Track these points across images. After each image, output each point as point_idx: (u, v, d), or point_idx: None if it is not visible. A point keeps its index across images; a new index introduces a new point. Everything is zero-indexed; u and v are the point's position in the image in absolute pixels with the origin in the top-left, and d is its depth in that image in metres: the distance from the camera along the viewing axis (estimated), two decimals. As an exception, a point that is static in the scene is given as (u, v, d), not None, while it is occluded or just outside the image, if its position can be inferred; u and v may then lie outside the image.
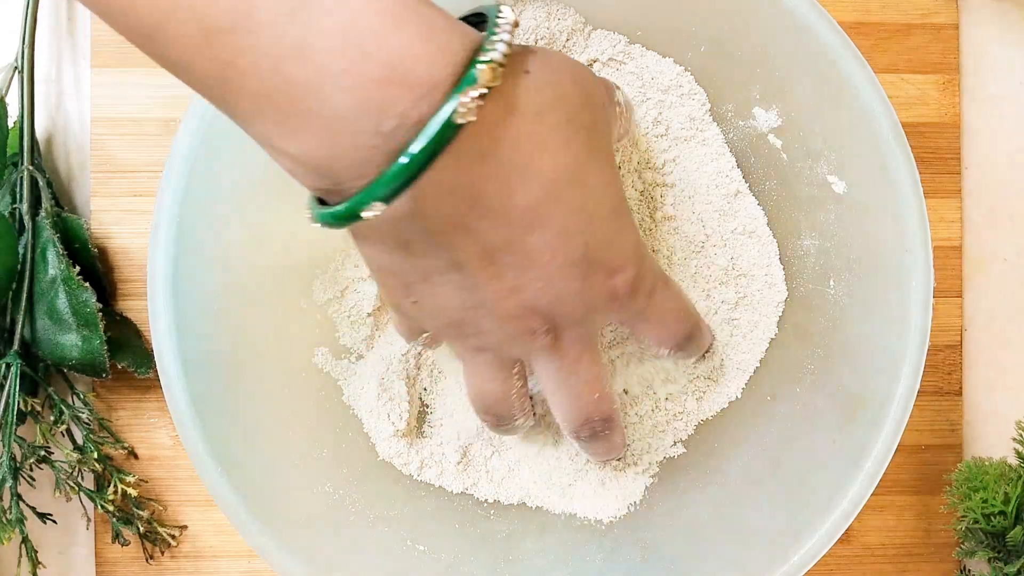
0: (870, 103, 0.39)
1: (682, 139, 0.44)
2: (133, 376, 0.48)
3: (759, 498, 0.42)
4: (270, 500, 0.40)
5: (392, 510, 0.43)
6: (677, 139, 0.44)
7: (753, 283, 0.44)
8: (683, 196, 0.44)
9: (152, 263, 0.39)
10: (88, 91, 0.49)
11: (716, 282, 0.45)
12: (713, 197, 0.44)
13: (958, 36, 0.51)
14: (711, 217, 0.44)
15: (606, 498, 0.44)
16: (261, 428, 0.42)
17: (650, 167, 0.44)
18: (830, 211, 0.42)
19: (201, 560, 0.49)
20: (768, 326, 0.44)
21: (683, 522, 0.43)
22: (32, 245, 0.46)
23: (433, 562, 0.42)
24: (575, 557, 0.43)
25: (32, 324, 0.46)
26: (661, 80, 0.44)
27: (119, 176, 0.49)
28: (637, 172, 0.44)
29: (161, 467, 0.49)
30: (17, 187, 0.47)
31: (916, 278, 0.39)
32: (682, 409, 0.45)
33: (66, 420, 0.46)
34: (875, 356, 0.40)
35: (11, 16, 0.49)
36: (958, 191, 0.50)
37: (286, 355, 0.44)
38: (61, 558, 0.49)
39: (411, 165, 0.28)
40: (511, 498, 0.45)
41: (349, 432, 0.44)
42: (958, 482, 0.46)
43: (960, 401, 0.50)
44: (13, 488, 0.45)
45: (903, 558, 0.50)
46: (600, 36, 0.44)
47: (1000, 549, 0.45)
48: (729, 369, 0.44)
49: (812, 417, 0.42)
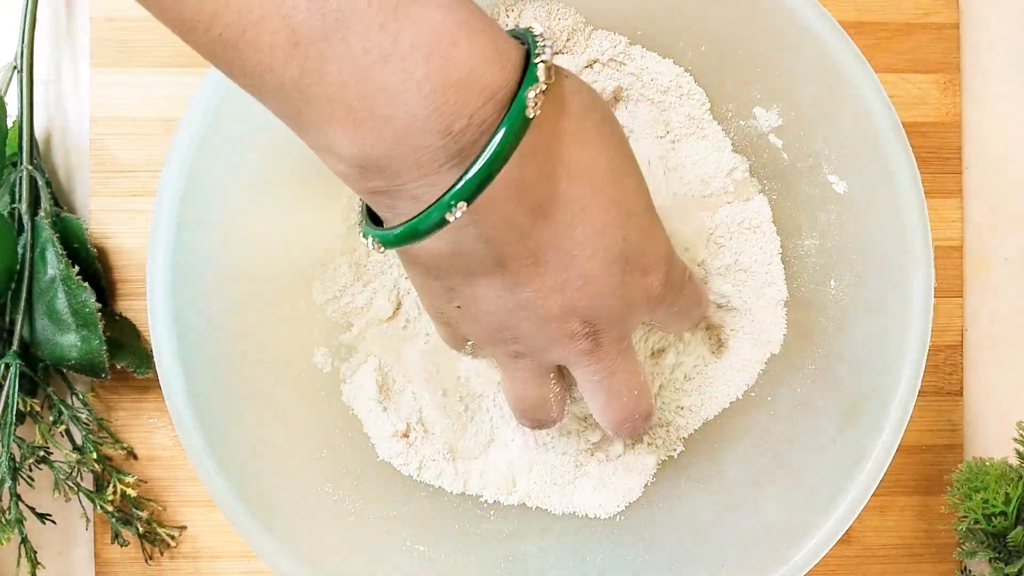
0: (871, 103, 0.39)
1: (682, 136, 0.44)
2: (132, 376, 0.48)
3: (759, 498, 0.42)
4: (270, 501, 0.40)
5: (392, 510, 0.43)
6: (677, 137, 0.44)
7: (753, 280, 0.44)
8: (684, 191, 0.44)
9: (152, 263, 0.39)
10: (87, 91, 0.49)
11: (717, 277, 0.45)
12: (714, 190, 0.44)
13: (958, 36, 0.51)
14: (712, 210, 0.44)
15: (606, 497, 0.44)
16: (260, 428, 0.42)
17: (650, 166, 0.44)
18: (831, 211, 0.42)
19: (200, 560, 0.49)
20: (769, 325, 0.44)
21: (683, 522, 0.43)
22: (31, 245, 0.46)
23: (433, 562, 0.42)
24: (575, 557, 0.43)
25: (31, 324, 0.46)
26: (661, 81, 0.44)
27: (118, 176, 0.49)
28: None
29: (160, 467, 0.49)
30: (16, 187, 0.47)
31: (917, 278, 0.39)
32: (683, 407, 0.45)
33: (65, 420, 0.46)
34: (876, 356, 0.40)
35: (11, 16, 0.49)
36: (958, 191, 0.50)
37: (286, 355, 0.44)
38: (60, 559, 0.49)
39: (493, 161, 0.29)
40: (511, 498, 0.45)
41: (349, 432, 0.44)
42: (959, 482, 0.46)
43: (961, 401, 0.50)
44: (12, 488, 0.45)
45: (903, 558, 0.50)
46: (600, 36, 0.44)
47: (1001, 549, 0.45)
48: (729, 369, 0.44)
49: (812, 417, 0.42)
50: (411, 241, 0.31)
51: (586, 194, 0.32)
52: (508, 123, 0.29)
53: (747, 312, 0.44)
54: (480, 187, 0.29)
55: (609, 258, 0.34)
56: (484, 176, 0.29)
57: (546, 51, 0.30)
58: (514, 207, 0.31)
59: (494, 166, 0.29)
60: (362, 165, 0.30)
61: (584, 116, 0.32)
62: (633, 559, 0.43)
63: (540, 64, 0.30)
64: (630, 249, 0.34)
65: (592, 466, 0.45)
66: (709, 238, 0.44)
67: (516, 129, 0.29)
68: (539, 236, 0.32)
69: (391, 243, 0.31)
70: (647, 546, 0.43)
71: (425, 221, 0.30)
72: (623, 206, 0.34)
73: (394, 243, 0.31)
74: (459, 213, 0.29)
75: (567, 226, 0.32)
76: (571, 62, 0.43)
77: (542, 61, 0.30)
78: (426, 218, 0.30)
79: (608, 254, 0.34)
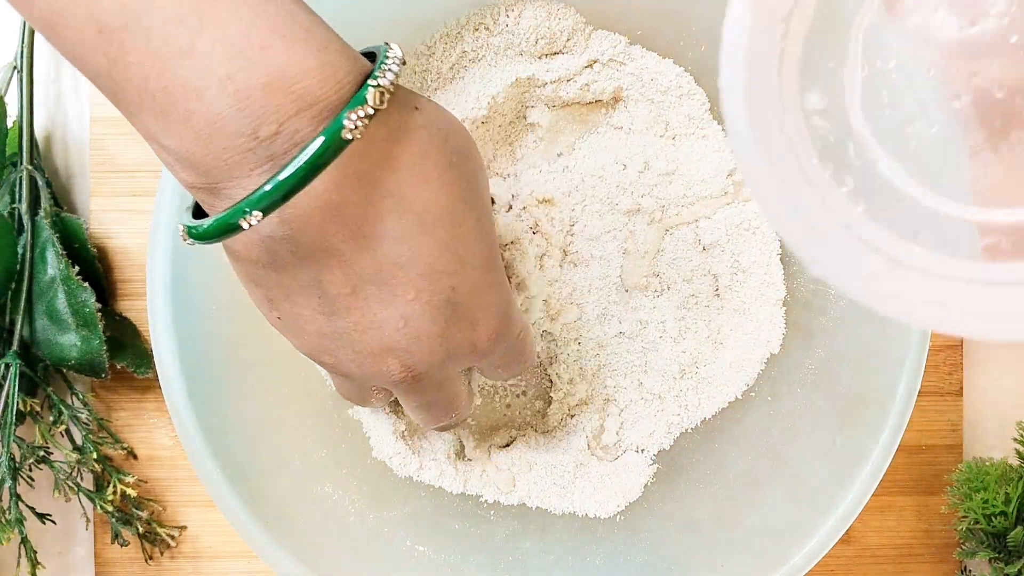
0: (871, 103, 0.39)
1: (682, 135, 0.44)
2: (132, 376, 0.48)
3: (759, 498, 0.42)
4: (269, 500, 0.40)
5: (392, 511, 0.43)
6: (677, 136, 0.44)
7: (752, 280, 0.44)
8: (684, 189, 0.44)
9: (152, 263, 0.39)
10: (87, 91, 0.49)
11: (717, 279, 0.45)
12: (714, 190, 0.44)
13: (958, 36, 0.51)
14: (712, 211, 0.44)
15: (606, 497, 0.44)
16: (261, 428, 0.42)
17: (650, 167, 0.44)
18: (830, 211, 0.42)
19: (200, 560, 0.49)
20: (768, 325, 0.44)
21: (683, 522, 0.43)
22: (31, 245, 0.46)
23: (433, 562, 0.42)
24: (575, 557, 0.43)
25: (31, 324, 0.46)
26: (661, 81, 0.44)
27: (118, 176, 0.49)
28: (638, 172, 0.44)
29: (160, 467, 0.49)
30: (16, 187, 0.47)
31: (917, 278, 0.39)
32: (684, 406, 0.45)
33: (65, 420, 0.46)
34: (876, 356, 0.40)
35: (11, 16, 0.49)
36: (958, 191, 0.50)
37: (286, 355, 0.44)
38: (60, 559, 0.49)
39: (295, 176, 0.28)
40: (511, 498, 0.45)
41: (349, 433, 0.44)
42: (959, 482, 0.46)
43: (960, 401, 0.50)
44: (12, 488, 0.45)
45: (904, 558, 0.50)
46: (600, 36, 0.44)
47: (1001, 549, 0.45)
48: (729, 369, 0.44)
49: (812, 417, 0.42)
50: (206, 240, 0.30)
51: (415, 233, 0.31)
52: (321, 139, 0.28)
53: (746, 312, 0.44)
54: (282, 199, 0.28)
55: (434, 303, 0.32)
56: (287, 189, 0.28)
57: (387, 75, 0.29)
58: (333, 230, 0.30)
59: (299, 180, 0.28)
60: (178, 159, 0.30)
61: (424, 154, 0.31)
62: (633, 559, 0.43)
63: (372, 88, 0.29)
64: (458, 298, 0.33)
65: (592, 466, 0.45)
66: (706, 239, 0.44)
67: (329, 147, 0.28)
68: (360, 267, 0.31)
69: (193, 236, 0.30)
70: (647, 546, 0.43)
71: (219, 223, 0.29)
72: (456, 254, 0.32)
73: (193, 237, 0.30)
74: (254, 221, 0.29)
75: (391, 263, 0.31)
76: (571, 62, 0.43)
77: (377, 85, 0.29)
78: (221, 221, 0.29)
79: (433, 299, 0.32)
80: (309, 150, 0.28)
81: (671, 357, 0.45)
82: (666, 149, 0.44)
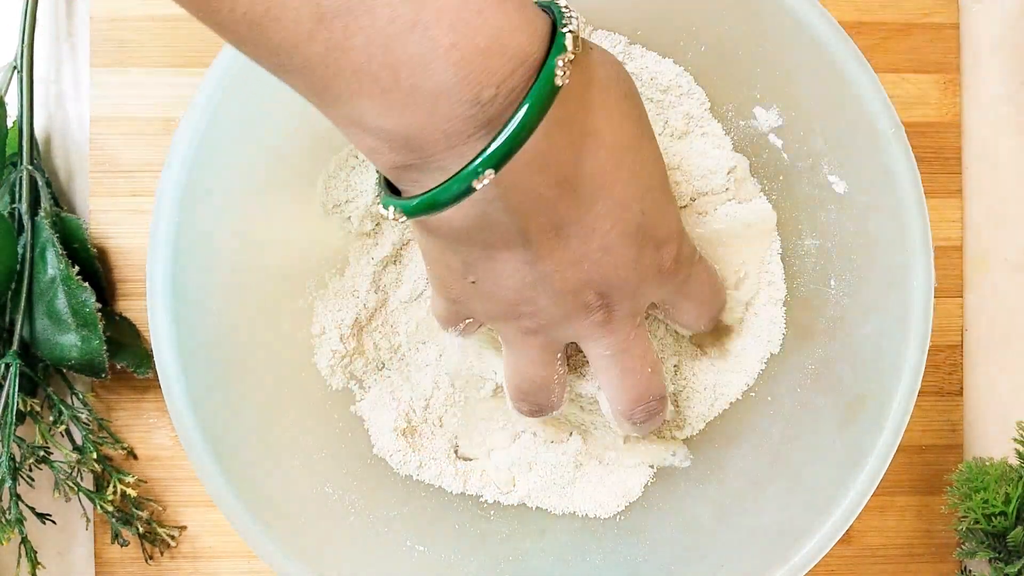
0: (871, 103, 0.39)
1: (682, 134, 0.44)
2: (132, 376, 0.48)
3: (759, 498, 0.42)
4: (270, 500, 0.40)
5: (392, 510, 0.43)
6: (676, 134, 0.44)
7: (752, 279, 0.44)
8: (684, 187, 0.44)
9: (151, 263, 0.39)
10: (87, 91, 0.49)
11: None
12: (714, 187, 0.44)
13: (958, 36, 0.51)
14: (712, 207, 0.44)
15: (606, 497, 0.44)
16: (261, 428, 0.42)
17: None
18: (831, 211, 0.42)
19: (200, 560, 0.49)
20: (768, 325, 0.44)
21: (683, 522, 0.43)
22: (31, 245, 0.46)
23: (433, 562, 0.42)
24: (575, 557, 0.43)
25: (31, 324, 0.46)
26: (661, 80, 0.44)
27: (118, 176, 0.49)
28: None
29: (160, 467, 0.49)
30: (16, 187, 0.47)
31: (917, 278, 0.39)
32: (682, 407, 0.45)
33: (65, 420, 0.46)
34: (876, 356, 0.40)
35: (10, 16, 0.49)
36: (958, 191, 0.50)
37: (286, 355, 0.44)
38: (60, 559, 0.49)
39: (521, 129, 0.29)
40: (511, 498, 0.45)
41: (349, 432, 0.44)
42: (959, 482, 0.46)
43: (961, 401, 0.50)
44: (12, 488, 0.45)
45: (904, 559, 0.50)
46: (600, 36, 0.44)
47: (1001, 549, 0.45)
48: (729, 369, 0.44)
49: (812, 417, 0.42)
50: (434, 210, 0.30)
51: (609, 167, 0.33)
52: (536, 91, 0.29)
53: (746, 311, 0.44)
54: (508, 155, 0.29)
55: (628, 231, 0.34)
56: (513, 144, 0.29)
57: (573, 21, 0.30)
58: (540, 179, 0.31)
59: (522, 134, 0.29)
60: (391, 139, 0.29)
61: (609, 88, 0.32)
62: (633, 559, 0.43)
63: (568, 33, 0.29)
64: (647, 222, 0.34)
65: (592, 466, 0.45)
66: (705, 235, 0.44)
67: (545, 97, 0.29)
68: (563, 209, 0.32)
69: (412, 212, 0.31)
70: (647, 546, 0.43)
71: (450, 189, 0.30)
72: (642, 179, 0.34)
73: (416, 212, 0.31)
74: (486, 181, 0.29)
75: (590, 199, 0.33)
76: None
77: (570, 31, 0.29)
78: (451, 186, 0.29)
79: (627, 227, 0.34)
80: (528, 103, 0.28)
81: (673, 359, 0.45)
82: (666, 147, 0.44)
